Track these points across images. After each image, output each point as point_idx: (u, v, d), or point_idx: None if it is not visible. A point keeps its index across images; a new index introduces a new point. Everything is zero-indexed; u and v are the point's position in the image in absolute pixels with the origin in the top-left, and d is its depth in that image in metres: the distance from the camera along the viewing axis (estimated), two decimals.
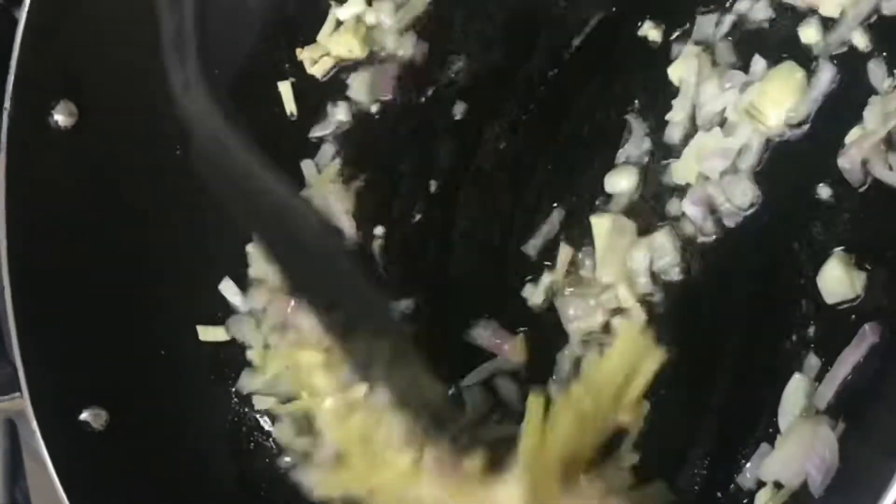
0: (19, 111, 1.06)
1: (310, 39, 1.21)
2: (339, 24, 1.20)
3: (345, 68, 1.20)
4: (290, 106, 1.20)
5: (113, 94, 1.13)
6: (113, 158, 1.13)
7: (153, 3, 0.83)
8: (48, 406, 1.04)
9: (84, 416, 1.06)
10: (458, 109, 1.13)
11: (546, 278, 1.03)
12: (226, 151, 0.81)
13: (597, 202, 1.03)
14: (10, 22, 1.07)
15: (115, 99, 1.13)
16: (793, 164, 0.95)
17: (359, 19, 1.18)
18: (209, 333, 1.17)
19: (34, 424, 1.03)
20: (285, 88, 1.20)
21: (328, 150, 1.18)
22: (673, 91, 1.01)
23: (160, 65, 1.14)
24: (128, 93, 1.14)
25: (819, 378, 0.88)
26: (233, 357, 1.17)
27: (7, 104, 1.06)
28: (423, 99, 1.16)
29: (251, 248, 1.09)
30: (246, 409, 1.16)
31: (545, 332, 1.03)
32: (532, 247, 1.06)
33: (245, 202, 0.83)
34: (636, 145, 1.02)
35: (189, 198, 1.17)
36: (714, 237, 0.97)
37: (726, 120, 0.97)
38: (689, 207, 0.97)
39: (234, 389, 1.16)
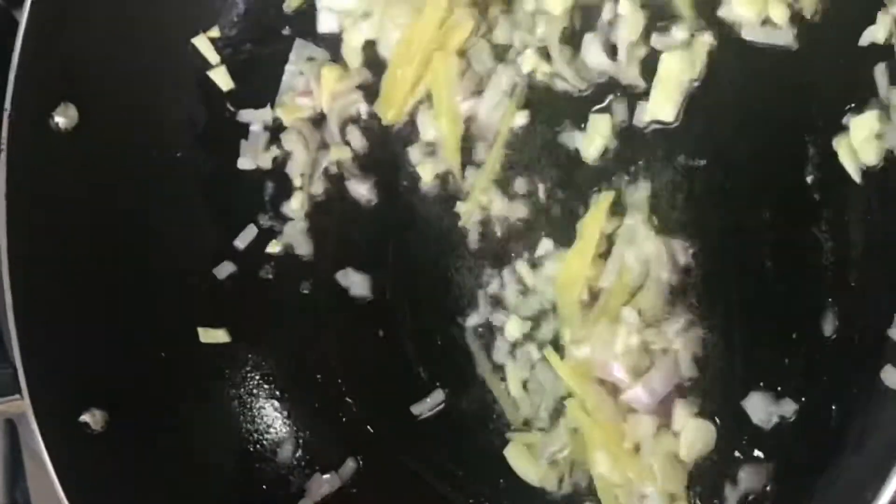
0: (20, 113, 1.06)
1: None
2: None
3: None
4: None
5: (113, 97, 1.13)
6: (113, 160, 1.13)
7: None
8: (48, 407, 1.04)
9: (84, 417, 1.06)
10: None
11: None
12: None
13: None
14: (11, 23, 1.08)
15: (115, 101, 1.13)
16: None
17: None
18: (209, 335, 1.17)
19: (34, 426, 1.03)
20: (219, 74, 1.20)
21: None
22: None
23: (160, 67, 1.16)
24: (128, 95, 1.14)
25: None
26: (233, 358, 1.17)
27: (8, 106, 1.06)
28: None
29: None
30: (246, 410, 1.17)
31: None
32: None
33: None
34: None
35: (189, 199, 1.18)
36: None
37: None
38: None
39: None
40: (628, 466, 0.98)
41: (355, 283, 1.15)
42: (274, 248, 1.18)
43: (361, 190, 1.16)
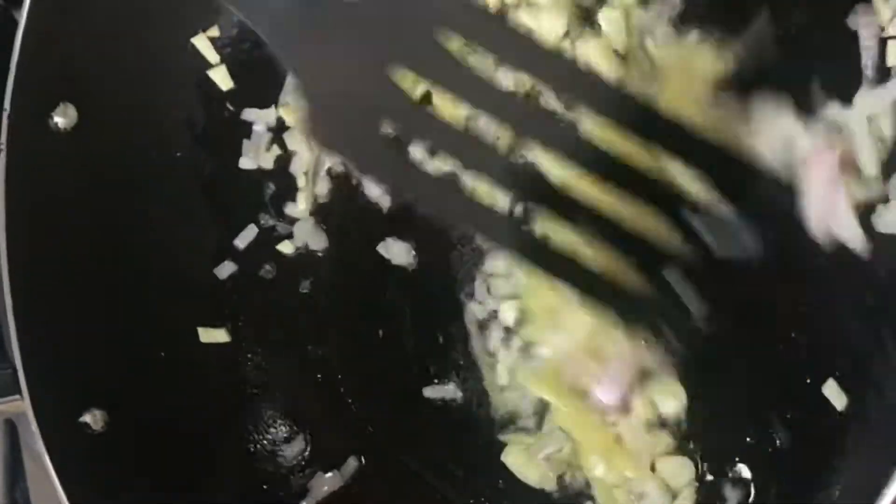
0: (19, 113, 1.06)
1: None
2: None
3: None
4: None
5: (113, 96, 1.13)
6: (113, 160, 1.13)
7: None
8: (48, 408, 1.04)
9: (84, 417, 1.06)
10: None
11: None
12: None
13: None
14: (11, 23, 1.08)
15: (115, 101, 1.13)
16: None
17: None
18: (209, 335, 1.17)
19: (34, 426, 1.03)
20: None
21: None
22: None
23: (160, 67, 1.16)
24: (128, 94, 1.14)
25: None
26: (233, 358, 1.17)
27: (7, 106, 1.06)
28: None
29: None
30: (247, 410, 1.17)
31: None
32: None
33: None
34: None
35: (189, 198, 1.18)
36: None
37: None
38: None
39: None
40: (625, 467, 0.98)
41: (396, 253, 1.15)
42: (287, 248, 1.18)
43: (375, 191, 1.16)
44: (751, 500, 0.97)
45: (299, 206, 1.17)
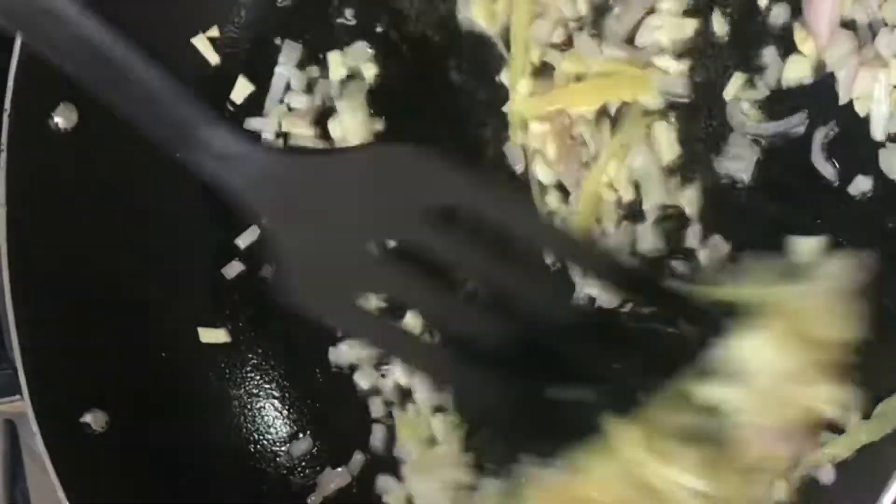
0: (19, 113, 1.06)
1: None
2: None
3: None
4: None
5: None
6: (113, 160, 1.13)
7: None
8: (48, 408, 1.04)
9: (84, 417, 1.06)
10: None
11: None
12: None
13: None
14: None
15: None
16: None
17: None
18: (209, 335, 1.17)
19: (34, 426, 1.03)
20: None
21: None
22: None
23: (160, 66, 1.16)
24: None
25: None
26: (233, 358, 1.17)
27: (8, 106, 1.06)
28: None
29: None
30: (246, 410, 1.17)
31: None
32: None
33: None
34: None
35: (189, 198, 1.18)
36: None
37: None
38: None
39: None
40: None
41: None
42: None
43: None
44: None
45: None
